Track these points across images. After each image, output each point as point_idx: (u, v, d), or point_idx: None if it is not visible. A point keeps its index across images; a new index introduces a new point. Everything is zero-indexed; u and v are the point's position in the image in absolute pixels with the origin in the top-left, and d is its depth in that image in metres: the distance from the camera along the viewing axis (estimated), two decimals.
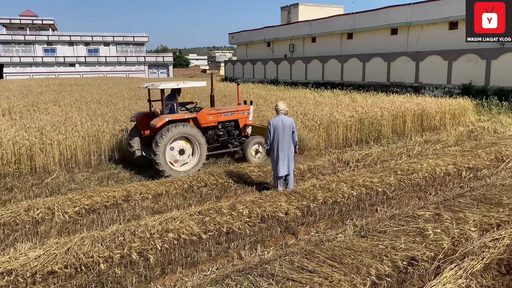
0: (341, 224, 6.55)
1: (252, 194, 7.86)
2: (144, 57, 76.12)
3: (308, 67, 35.91)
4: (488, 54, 22.12)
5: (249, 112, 10.92)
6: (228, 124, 10.75)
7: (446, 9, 25.56)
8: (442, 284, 4.49)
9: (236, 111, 10.76)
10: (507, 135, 13.40)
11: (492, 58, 21.87)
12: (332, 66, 33.07)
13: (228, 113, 10.66)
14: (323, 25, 35.92)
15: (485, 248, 5.35)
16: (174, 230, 5.98)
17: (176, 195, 8.03)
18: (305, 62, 36.40)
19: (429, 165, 9.46)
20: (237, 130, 10.88)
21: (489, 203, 6.87)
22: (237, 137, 10.87)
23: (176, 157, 9.42)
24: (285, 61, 39.40)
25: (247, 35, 48.02)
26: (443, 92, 23.92)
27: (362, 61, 30.23)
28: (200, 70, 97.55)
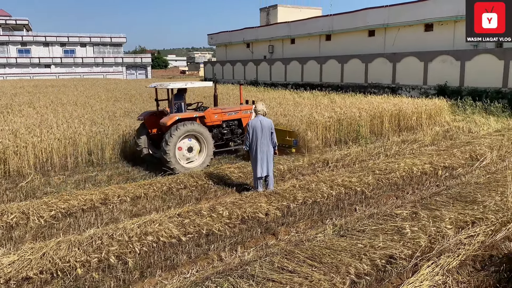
0: (321, 224, 6.60)
1: (233, 196, 7.84)
2: (122, 58, 75.13)
3: (287, 68, 36.07)
4: (462, 56, 22.66)
5: (252, 111, 11.02)
6: (232, 123, 11.15)
7: (422, 11, 26.07)
8: (419, 281, 4.56)
9: (239, 111, 11.19)
10: (481, 134, 13.75)
11: (466, 59, 22.40)
12: (311, 67, 33.30)
13: (232, 112, 11.07)
14: (302, 27, 36.16)
15: (460, 245, 5.48)
16: (153, 233, 5.90)
17: (155, 198, 7.94)
18: (284, 63, 36.55)
19: (406, 165, 9.62)
20: (240, 129, 11.27)
21: (464, 201, 7.03)
22: (240, 136, 11.25)
23: (185, 154, 9.74)
24: (264, 62, 39.49)
25: (226, 36, 47.94)
26: (420, 92, 24.37)
27: (340, 63, 30.54)
28: (179, 71, 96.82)
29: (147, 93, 25.45)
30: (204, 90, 25.79)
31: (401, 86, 26.00)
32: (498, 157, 10.66)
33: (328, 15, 34.28)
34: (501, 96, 20.53)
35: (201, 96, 21.95)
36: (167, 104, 10.65)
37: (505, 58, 20.61)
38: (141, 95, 24.40)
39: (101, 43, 74.53)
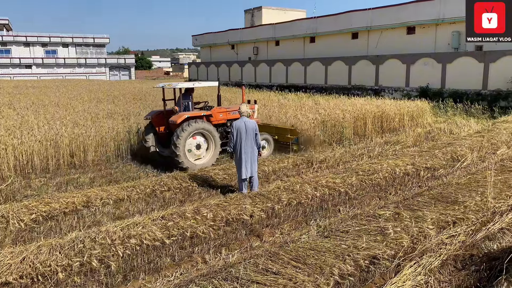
0: (305, 225, 6.62)
1: (217, 197, 7.81)
2: (105, 59, 74.27)
3: (272, 70, 36.17)
4: (443, 58, 23.07)
5: (254, 110, 11.35)
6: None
7: (403, 14, 26.46)
8: (402, 281, 4.61)
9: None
10: (462, 136, 13.99)
11: (447, 62, 22.82)
12: (296, 69, 33.47)
13: (236, 111, 10.98)
14: (286, 29, 36.32)
15: (442, 245, 5.56)
16: (136, 235, 5.84)
17: (138, 200, 7.86)
18: (269, 65, 36.65)
19: (389, 166, 9.73)
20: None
21: (445, 202, 7.14)
22: None
23: (194, 151, 10.05)
24: (249, 64, 39.53)
25: (211, 37, 47.83)
26: (402, 94, 24.71)
27: (324, 65, 30.78)
28: (164, 72, 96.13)
29: (131, 94, 25.22)
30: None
31: (384, 88, 26.32)
32: (478, 158, 10.86)
33: (312, 17, 34.52)
34: (481, 98, 20.97)
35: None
36: (174, 103, 10.99)
37: (484, 61, 21.07)
38: (124, 96, 24.15)
39: (84, 43, 73.58)
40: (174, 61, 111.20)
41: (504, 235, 5.93)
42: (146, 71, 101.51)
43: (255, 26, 42.37)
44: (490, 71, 20.95)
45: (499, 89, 20.55)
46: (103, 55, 75.16)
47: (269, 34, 38.22)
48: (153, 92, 27.22)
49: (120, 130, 11.76)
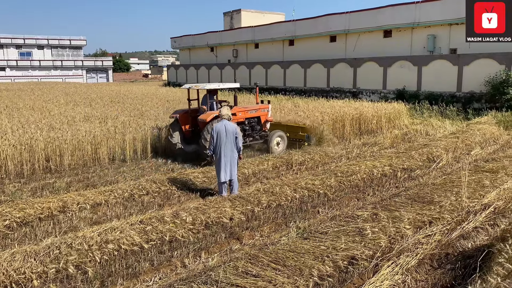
0: (285, 227, 6.65)
1: (196, 201, 7.76)
2: (82, 61, 73.07)
3: (252, 73, 36.24)
4: (419, 61, 23.55)
5: (268, 110, 12.60)
6: (252, 120, 12.28)
7: (380, 18, 26.91)
8: (380, 281, 4.68)
9: (259, 109, 12.41)
10: (437, 137, 14.29)
11: (423, 64, 23.30)
12: (275, 71, 33.61)
13: (253, 110, 12.27)
14: (266, 31, 36.46)
15: (419, 244, 5.66)
16: (114, 240, 5.74)
17: (116, 205, 7.75)
18: (248, 67, 36.70)
19: (367, 167, 9.86)
20: (259, 126, 12.44)
21: (422, 202, 7.27)
22: (258, 132, 12.43)
23: None
24: (229, 66, 39.50)
25: (190, 39, 47.62)
26: (379, 97, 25.10)
27: (303, 67, 31.00)
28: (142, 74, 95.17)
29: (108, 97, 24.87)
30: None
31: (361, 91, 26.69)
32: (453, 159, 11.12)
33: (291, 20, 34.75)
34: (456, 100, 21.49)
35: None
36: (197, 103, 12.00)
37: (458, 63, 21.60)
38: (102, 99, 23.78)
39: (60, 45, 72.17)
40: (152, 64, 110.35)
41: (478, 233, 6.09)
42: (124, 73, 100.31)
43: (235, 28, 42.40)
44: (464, 74, 21.49)
45: (473, 91, 21.10)
46: (79, 57, 73.91)
47: (249, 36, 38.30)
48: (131, 95, 26.96)
49: (97, 133, 11.57)
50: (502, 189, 7.89)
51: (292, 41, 34.41)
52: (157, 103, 20.63)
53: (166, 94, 28.15)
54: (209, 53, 44.79)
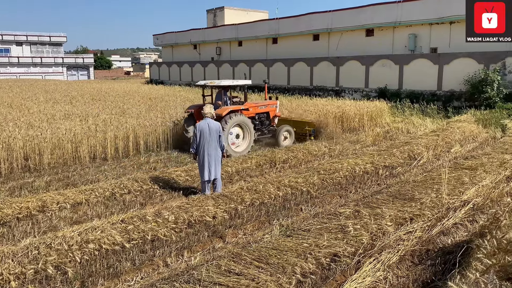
0: (268, 225, 6.65)
1: (179, 200, 7.70)
2: (62, 58, 71.66)
3: (235, 71, 36.14)
4: (400, 60, 23.84)
5: (277, 106, 13.50)
6: (262, 115, 13.07)
7: (362, 17, 27.14)
8: (362, 277, 4.72)
9: (268, 105, 13.24)
10: (418, 135, 14.51)
11: (404, 63, 23.60)
12: (259, 69, 33.60)
13: (262, 106, 13.09)
14: (249, 29, 36.41)
15: (400, 241, 5.73)
16: (94, 240, 5.66)
17: (97, 204, 7.63)
18: (232, 65, 36.60)
19: (349, 164, 9.94)
20: (268, 120, 13.23)
21: (403, 199, 7.36)
22: (267, 126, 13.20)
23: (234, 140, 11.69)
24: (212, 64, 39.33)
25: (172, 36, 47.22)
26: (362, 95, 25.34)
27: (287, 66, 31.07)
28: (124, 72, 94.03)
29: (89, 95, 24.49)
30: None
31: (344, 89, 26.89)
32: (434, 156, 11.30)
33: (274, 18, 34.77)
34: (436, 98, 21.84)
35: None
36: (211, 99, 12.81)
37: (439, 62, 21.95)
38: (82, 96, 23.41)
39: (39, 42, 70.63)
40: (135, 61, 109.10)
41: (457, 230, 6.20)
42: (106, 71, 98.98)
43: (218, 26, 42.21)
44: (444, 73, 21.85)
45: (453, 89, 21.47)
46: (60, 54, 72.50)
47: (232, 34, 38.18)
48: (113, 92, 26.61)
49: (77, 132, 11.38)
50: (480, 185, 8.05)
51: (276, 39, 34.44)
52: (139, 101, 20.39)
53: (148, 91, 27.86)
54: (192, 50, 44.50)
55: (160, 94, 25.44)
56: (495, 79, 19.01)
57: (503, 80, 19.34)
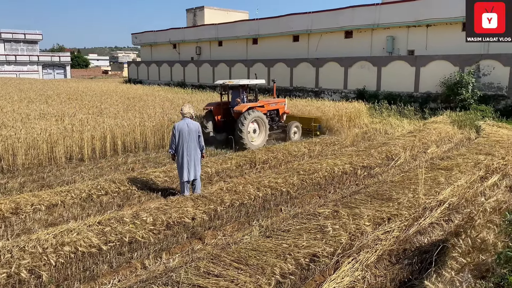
0: (248, 226, 6.63)
1: (157, 201, 7.61)
2: (37, 57, 69.95)
3: (215, 71, 36.00)
4: (378, 62, 24.18)
5: (285, 103, 14.76)
6: (272, 112, 14.13)
7: (341, 18, 27.40)
8: (341, 277, 4.75)
9: (278, 103, 14.42)
10: (396, 136, 14.73)
11: (382, 65, 23.95)
12: (239, 70, 33.55)
13: (273, 103, 14.18)
14: (229, 29, 36.32)
15: (378, 240, 5.80)
16: (70, 243, 5.54)
17: (73, 205, 7.47)
18: (212, 65, 36.45)
19: (328, 165, 10.02)
20: (277, 117, 14.31)
21: (381, 199, 7.46)
22: (277, 122, 14.25)
23: (252, 134, 12.67)
24: (192, 64, 39.06)
25: (151, 36, 46.70)
26: (341, 96, 25.58)
27: (267, 66, 31.12)
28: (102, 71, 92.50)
29: (66, 94, 24.00)
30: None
31: (323, 90, 27.10)
32: (411, 157, 11.49)
33: (254, 19, 34.78)
34: (413, 100, 22.23)
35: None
36: (227, 97, 13.93)
37: (416, 65, 22.35)
38: (59, 96, 22.91)
39: (14, 39, 68.74)
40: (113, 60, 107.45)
41: (433, 229, 6.30)
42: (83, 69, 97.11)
43: (198, 26, 41.95)
44: (421, 75, 22.25)
45: (429, 91, 21.89)
46: (35, 52, 70.74)
47: (212, 34, 38.02)
48: (90, 91, 26.14)
49: (53, 132, 11.12)
50: (456, 185, 8.23)
51: (256, 39, 34.46)
52: (117, 101, 20.09)
53: (126, 91, 27.48)
54: (172, 50, 44.12)
55: (139, 93, 25.12)
56: (469, 81, 19.47)
57: (477, 82, 19.83)
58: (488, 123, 16.70)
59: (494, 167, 9.91)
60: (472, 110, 18.95)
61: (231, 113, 13.13)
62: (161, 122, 13.36)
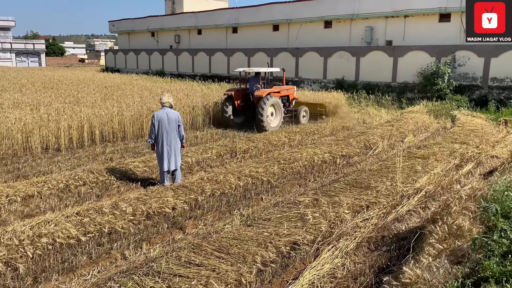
0: (229, 215, 6.64)
1: (137, 191, 7.53)
2: (10, 44, 67.74)
3: (195, 59, 35.63)
4: (357, 52, 24.34)
5: (294, 90, 16.32)
6: (284, 98, 15.29)
7: (321, 8, 27.42)
8: (321, 264, 4.82)
9: (288, 89, 15.78)
10: (374, 125, 14.93)
11: (361, 55, 24.12)
12: (219, 59, 33.29)
13: (285, 90, 15.47)
14: (209, 18, 35.90)
15: (357, 228, 5.90)
16: (48, 234, 5.44)
17: (50, 196, 7.32)
18: (191, 54, 36.03)
19: (308, 154, 10.09)
20: (288, 102, 15.61)
21: (359, 187, 7.57)
22: (287, 107, 15.55)
23: (270, 117, 14.01)
24: (171, 52, 38.53)
25: (129, 23, 45.79)
26: (320, 86, 25.70)
27: (247, 55, 30.95)
28: (78, 59, 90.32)
29: (41, 83, 23.37)
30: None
31: (303, 80, 27.16)
32: (389, 146, 11.68)
33: (234, 7, 34.46)
34: (391, 89, 22.52)
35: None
36: (245, 83, 15.47)
37: (394, 55, 22.60)
38: (33, 84, 22.29)
39: None
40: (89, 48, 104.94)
41: (411, 216, 6.44)
42: (59, 58, 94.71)
43: (177, 13, 41.31)
44: (399, 65, 22.53)
45: (406, 81, 22.21)
46: (8, 40, 68.42)
47: (191, 22, 37.53)
48: (66, 80, 25.54)
49: (28, 121, 10.83)
50: (432, 173, 8.42)
51: (236, 28, 34.19)
52: (94, 89, 19.69)
53: (104, 80, 26.95)
54: (150, 38, 43.39)
55: (116, 82, 24.67)
56: (446, 72, 19.82)
57: (453, 73, 20.21)
58: (463, 113, 17.09)
59: (468, 156, 10.17)
60: (448, 100, 19.34)
61: (249, 98, 14.63)
62: (139, 111, 13.17)
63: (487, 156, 10.12)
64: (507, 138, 12.23)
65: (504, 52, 18.84)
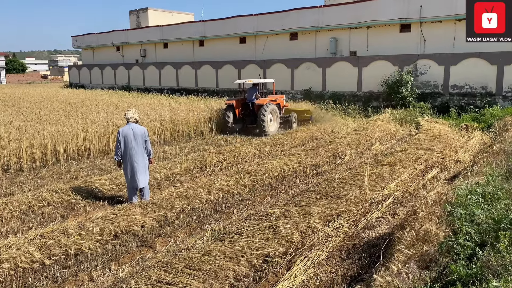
0: (200, 231, 6.54)
1: (104, 210, 7.32)
2: None
3: (161, 73, 35.32)
4: (323, 63, 24.80)
5: (284, 99, 17.94)
6: (277, 106, 16.63)
7: (287, 21, 27.83)
8: (293, 276, 4.80)
9: (279, 98, 17.42)
10: (342, 134, 15.18)
11: (327, 66, 24.59)
12: (186, 72, 33.13)
13: (277, 99, 17.06)
14: (175, 31, 35.76)
15: (328, 237, 5.93)
16: (10, 259, 5.19)
17: (12, 219, 7.01)
18: (158, 67, 35.71)
19: (278, 165, 10.12)
20: (279, 110, 17.01)
21: (329, 196, 7.64)
22: (279, 114, 16.84)
23: (269, 123, 15.64)
24: (137, 66, 38.07)
25: (93, 38, 44.99)
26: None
27: (215, 68, 30.96)
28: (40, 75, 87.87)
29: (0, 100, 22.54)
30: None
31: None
32: (356, 154, 11.88)
33: (200, 21, 34.50)
34: (357, 99, 23.01)
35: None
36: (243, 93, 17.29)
37: (358, 65, 23.15)
38: None
39: None
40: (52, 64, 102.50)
41: (380, 223, 6.54)
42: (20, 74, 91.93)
43: (142, 27, 40.94)
44: (363, 75, 23.08)
45: (371, 90, 22.75)
46: None
47: (157, 36, 37.26)
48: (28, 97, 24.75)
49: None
50: (399, 180, 8.61)
51: (203, 41, 34.18)
52: (58, 106, 19.15)
53: (68, 96, 26.27)
54: (115, 52, 42.73)
55: (81, 98, 24.10)
56: (408, 80, 20.44)
57: (415, 81, 20.87)
58: (427, 120, 17.65)
59: (433, 161, 10.48)
60: (412, 107, 19.92)
61: (248, 107, 16.26)
62: (105, 127, 12.89)
63: (450, 161, 10.45)
64: (468, 143, 12.68)
65: (463, 60, 19.64)
